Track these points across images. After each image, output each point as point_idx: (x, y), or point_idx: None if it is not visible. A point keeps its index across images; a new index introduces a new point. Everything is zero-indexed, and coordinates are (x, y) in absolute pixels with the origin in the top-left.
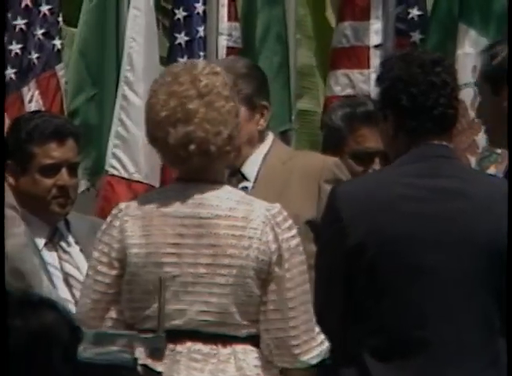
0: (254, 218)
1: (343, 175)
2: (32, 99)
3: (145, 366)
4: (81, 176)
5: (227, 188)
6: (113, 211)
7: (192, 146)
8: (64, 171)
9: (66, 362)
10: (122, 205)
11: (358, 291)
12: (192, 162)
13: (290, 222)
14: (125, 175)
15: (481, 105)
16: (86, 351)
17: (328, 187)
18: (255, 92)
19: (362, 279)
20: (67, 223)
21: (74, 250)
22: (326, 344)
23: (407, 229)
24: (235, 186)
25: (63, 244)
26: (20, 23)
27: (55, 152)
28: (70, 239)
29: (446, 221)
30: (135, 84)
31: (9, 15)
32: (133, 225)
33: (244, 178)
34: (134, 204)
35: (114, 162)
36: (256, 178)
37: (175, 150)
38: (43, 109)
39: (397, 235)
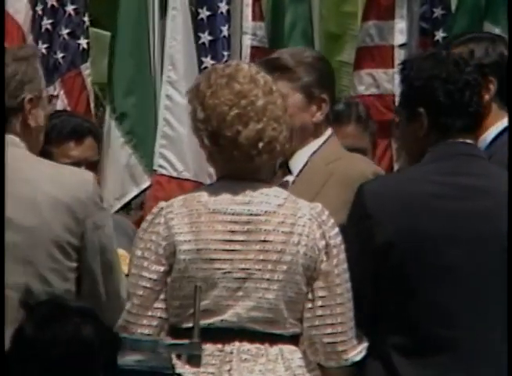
0: (302, 215)
1: None
2: (58, 98)
3: (179, 375)
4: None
5: (271, 185)
6: (154, 210)
7: (261, 144)
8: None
9: (105, 369)
10: (162, 204)
11: (385, 288)
12: (261, 160)
13: (332, 220)
14: (174, 174)
15: None
16: (124, 358)
17: None
18: (315, 83)
19: (390, 277)
20: None
21: None
22: (366, 340)
23: (435, 227)
24: (279, 178)
25: None
26: (46, 22)
27: (73, 151)
28: None
29: (473, 219)
30: (178, 83)
31: (36, 15)
32: (180, 222)
33: (289, 171)
34: (177, 202)
35: (162, 162)
36: (298, 174)
37: (246, 148)
38: (68, 108)
39: (425, 233)
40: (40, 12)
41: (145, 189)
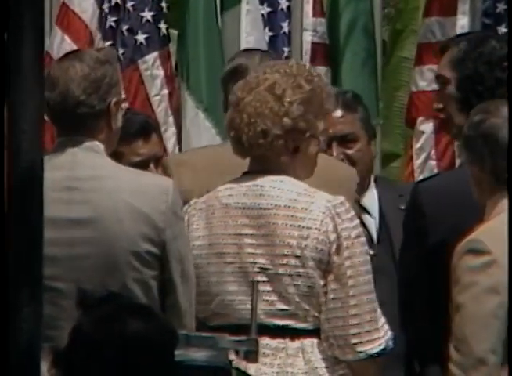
0: (315, 209)
1: None
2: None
3: (237, 369)
4: None
5: (290, 180)
6: (184, 207)
7: (231, 133)
8: (152, 166)
9: (165, 366)
10: (192, 200)
11: (441, 287)
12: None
13: (351, 213)
14: None
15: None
16: (183, 354)
17: None
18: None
19: (445, 276)
20: None
21: None
22: (389, 334)
23: None
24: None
25: None
26: (111, 20)
27: (142, 149)
28: None
29: None
30: None
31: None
32: (198, 218)
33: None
34: (202, 198)
35: None
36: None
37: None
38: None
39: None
40: (106, 10)
41: None
